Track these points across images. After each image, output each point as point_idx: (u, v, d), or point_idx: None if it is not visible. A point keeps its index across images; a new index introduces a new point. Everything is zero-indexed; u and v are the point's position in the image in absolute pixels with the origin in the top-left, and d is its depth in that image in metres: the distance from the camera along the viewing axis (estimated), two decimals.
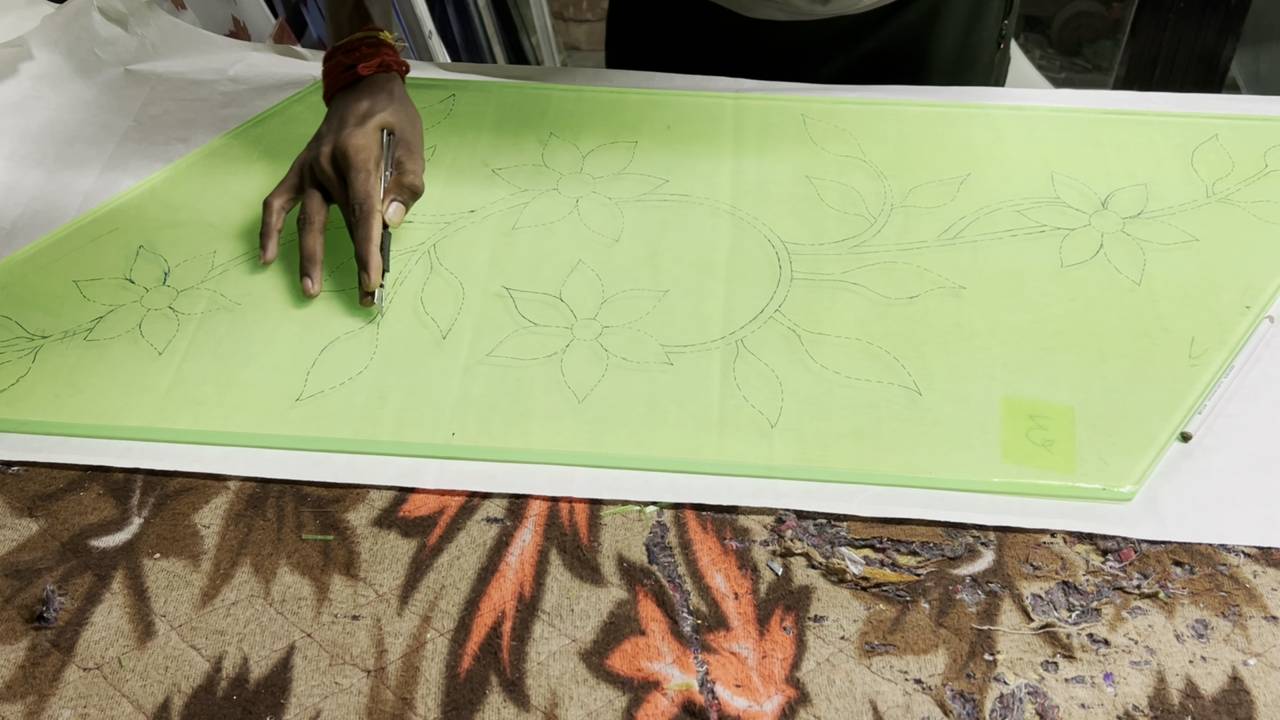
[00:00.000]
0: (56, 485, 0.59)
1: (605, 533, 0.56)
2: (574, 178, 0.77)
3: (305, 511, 0.58)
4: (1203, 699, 0.49)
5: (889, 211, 0.73)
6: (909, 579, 0.54)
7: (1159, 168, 0.75)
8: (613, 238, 0.72)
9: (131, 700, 0.50)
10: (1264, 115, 0.79)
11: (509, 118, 0.82)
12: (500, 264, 0.70)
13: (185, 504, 0.58)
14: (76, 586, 0.55)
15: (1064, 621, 0.52)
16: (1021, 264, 0.69)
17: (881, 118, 0.81)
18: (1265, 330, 0.64)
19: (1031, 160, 0.76)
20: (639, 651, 0.51)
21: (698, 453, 0.59)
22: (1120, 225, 0.71)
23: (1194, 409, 0.60)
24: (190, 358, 0.65)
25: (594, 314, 0.67)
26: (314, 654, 0.52)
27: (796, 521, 0.56)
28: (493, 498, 0.58)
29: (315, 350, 0.65)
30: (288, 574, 0.55)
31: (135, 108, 0.85)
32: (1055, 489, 0.57)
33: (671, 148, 0.79)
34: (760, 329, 0.65)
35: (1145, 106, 0.81)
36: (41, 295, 0.70)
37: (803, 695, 0.50)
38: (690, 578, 0.54)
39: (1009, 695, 0.49)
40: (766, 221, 0.73)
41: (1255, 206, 0.72)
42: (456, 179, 0.77)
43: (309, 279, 0.69)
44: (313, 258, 0.69)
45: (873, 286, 0.68)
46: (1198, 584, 0.53)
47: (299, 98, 0.86)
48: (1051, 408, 0.60)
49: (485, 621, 0.53)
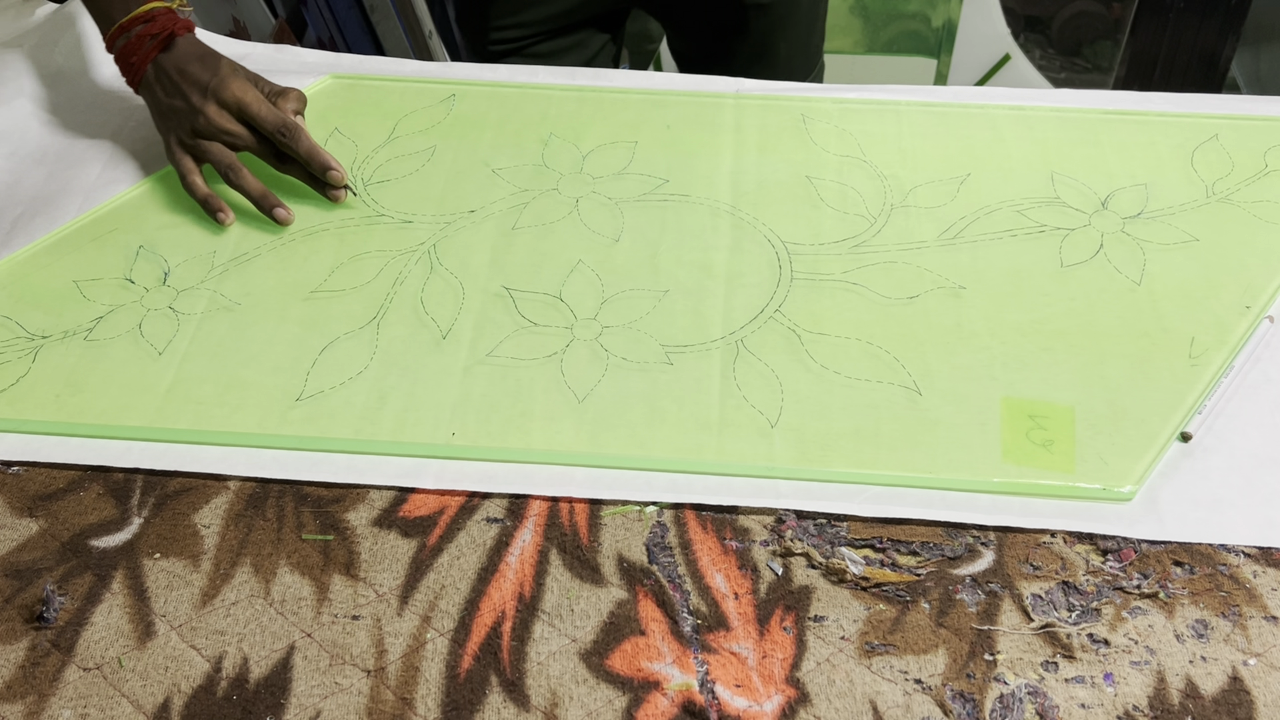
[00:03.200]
0: (56, 485, 0.59)
1: (605, 533, 0.56)
2: (574, 178, 0.77)
3: (305, 511, 0.58)
4: (1203, 699, 0.49)
5: (889, 211, 0.73)
6: (909, 579, 0.54)
7: (1159, 168, 0.75)
8: (613, 238, 0.72)
9: (131, 700, 0.50)
10: (1264, 115, 0.79)
11: (509, 118, 0.82)
12: (500, 264, 0.70)
13: (185, 504, 0.58)
14: (76, 586, 0.55)
15: (1064, 621, 0.52)
16: (1021, 264, 0.69)
17: (881, 118, 0.81)
18: (1265, 330, 0.64)
19: (1031, 160, 0.76)
20: (639, 651, 0.51)
21: (698, 453, 0.59)
22: (1120, 225, 0.71)
23: (1194, 409, 0.60)
24: (190, 358, 0.65)
25: (594, 314, 0.67)
26: (314, 654, 0.52)
27: (796, 521, 0.56)
28: (493, 498, 0.58)
29: (315, 350, 0.65)
30: (288, 574, 0.55)
31: (135, 108, 0.85)
32: (1055, 489, 0.57)
33: (671, 148, 0.79)
34: (760, 329, 0.65)
35: (1145, 106, 0.81)
36: (41, 295, 0.70)
37: (803, 695, 0.49)
38: (690, 578, 0.54)
39: (1009, 695, 0.49)
40: (766, 221, 0.73)
41: (1255, 206, 0.72)
42: (456, 179, 0.77)
43: (280, 208, 0.73)
44: (264, 192, 0.74)
45: (873, 286, 0.68)
46: (1198, 584, 0.53)
47: None
48: (1051, 408, 0.60)
49: (485, 621, 0.53)
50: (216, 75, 0.74)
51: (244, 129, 0.75)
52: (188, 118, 0.74)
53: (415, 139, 0.81)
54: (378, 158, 0.79)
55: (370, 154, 0.80)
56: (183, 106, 0.74)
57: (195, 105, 0.74)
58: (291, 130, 0.74)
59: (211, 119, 0.74)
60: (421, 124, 0.82)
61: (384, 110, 0.84)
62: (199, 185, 0.75)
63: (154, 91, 0.76)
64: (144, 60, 0.75)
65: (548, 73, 0.86)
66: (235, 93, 0.74)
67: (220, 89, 0.74)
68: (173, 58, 0.75)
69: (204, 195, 0.74)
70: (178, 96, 0.74)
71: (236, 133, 0.75)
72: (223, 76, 0.74)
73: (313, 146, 0.74)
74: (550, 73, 0.86)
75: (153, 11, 0.75)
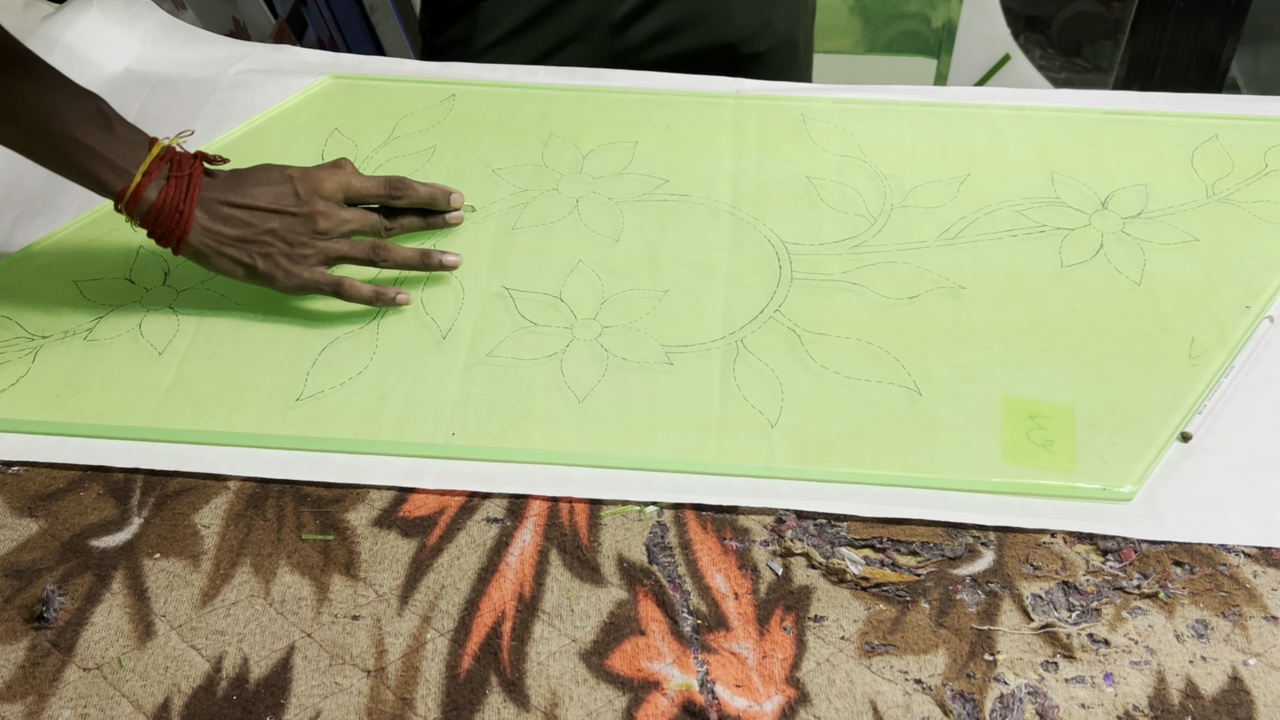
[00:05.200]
0: (56, 485, 0.59)
1: (605, 533, 0.56)
2: (574, 178, 0.77)
3: (305, 511, 0.58)
4: (1203, 699, 0.49)
5: (889, 211, 0.73)
6: (909, 579, 0.54)
7: (1159, 168, 0.75)
8: (613, 238, 0.72)
9: (131, 700, 0.50)
10: (1264, 115, 0.79)
11: (509, 118, 0.82)
12: (500, 264, 0.70)
13: (185, 504, 0.58)
14: (76, 586, 0.55)
15: (1064, 621, 0.52)
16: (1021, 264, 0.69)
17: (881, 118, 0.81)
18: (1265, 330, 0.64)
19: (1031, 160, 0.76)
20: (639, 651, 0.51)
21: (698, 453, 0.59)
22: (1120, 225, 0.71)
23: (1194, 409, 0.60)
24: (190, 358, 0.65)
25: (594, 314, 0.67)
26: (314, 654, 0.52)
27: (796, 521, 0.56)
28: (493, 498, 0.58)
29: (315, 350, 0.65)
30: (288, 574, 0.55)
31: (135, 108, 0.85)
32: (1055, 489, 0.57)
33: (671, 148, 0.79)
34: (760, 329, 0.65)
35: (1145, 106, 0.81)
36: (41, 295, 0.70)
37: (803, 695, 0.50)
38: (690, 578, 0.54)
39: (1009, 695, 0.49)
40: (766, 221, 0.73)
41: (1255, 206, 0.72)
42: (456, 179, 0.77)
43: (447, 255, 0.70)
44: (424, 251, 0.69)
45: (873, 286, 0.68)
46: (1198, 584, 0.53)
47: (299, 97, 0.85)
48: (1051, 408, 0.60)
49: (485, 621, 0.53)
50: (292, 177, 0.66)
51: (357, 211, 0.69)
52: (297, 230, 0.66)
53: (415, 139, 0.81)
54: (378, 158, 0.79)
55: (370, 154, 0.80)
56: (283, 224, 0.65)
57: (301, 212, 0.66)
58: (401, 184, 0.70)
59: (330, 214, 0.66)
60: (421, 124, 0.82)
61: (384, 110, 0.84)
62: (363, 287, 0.67)
63: (220, 233, 0.65)
64: (191, 204, 0.64)
65: (548, 73, 0.87)
66: (333, 180, 0.67)
67: (315, 185, 0.67)
68: (221, 188, 0.65)
69: (374, 294, 0.67)
70: (268, 218, 0.65)
71: (353, 218, 0.68)
72: (300, 175, 0.67)
73: (429, 187, 0.71)
74: (550, 73, 0.86)
75: (167, 151, 0.64)
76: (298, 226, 0.66)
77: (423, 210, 0.72)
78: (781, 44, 0.95)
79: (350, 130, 0.82)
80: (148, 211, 0.63)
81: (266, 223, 0.65)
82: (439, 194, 0.71)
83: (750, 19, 0.91)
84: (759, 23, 0.92)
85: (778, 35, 0.94)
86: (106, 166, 0.62)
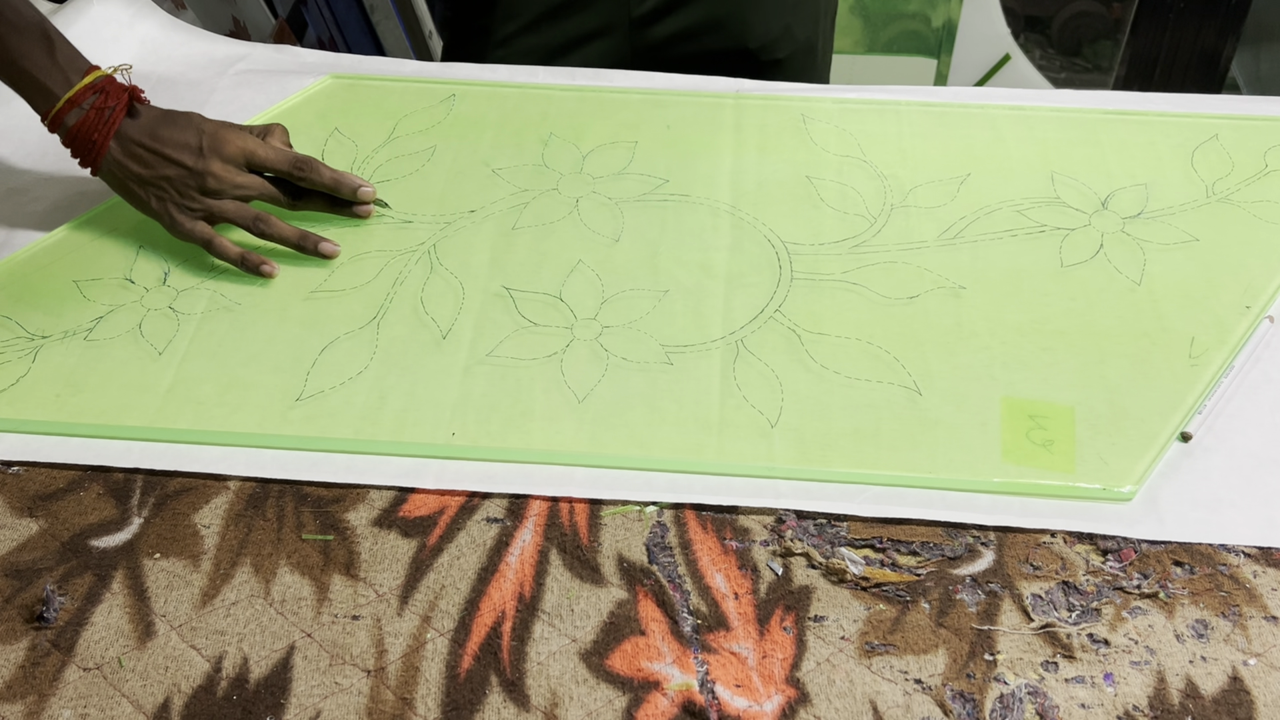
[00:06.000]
0: (56, 485, 0.59)
1: (605, 533, 0.56)
2: (574, 178, 0.77)
3: (305, 511, 0.58)
4: (1203, 699, 0.49)
5: (889, 211, 0.73)
6: (909, 579, 0.54)
7: (1159, 168, 0.75)
8: (613, 238, 0.72)
9: (131, 700, 0.50)
10: (1264, 115, 0.79)
11: (509, 118, 0.82)
12: (500, 264, 0.70)
13: (185, 504, 0.58)
14: (76, 586, 0.55)
15: (1064, 621, 0.52)
16: (1021, 264, 0.69)
17: (881, 118, 0.81)
18: (1265, 330, 0.64)
19: (1031, 160, 0.76)
20: (639, 651, 0.51)
21: (698, 453, 0.59)
22: (1120, 225, 0.71)
23: (1194, 409, 0.60)
24: (190, 358, 0.65)
25: (594, 314, 0.67)
26: (314, 654, 0.52)
27: (796, 521, 0.56)
28: (493, 498, 0.58)
29: (315, 350, 0.65)
30: (288, 574, 0.55)
31: None
32: (1055, 489, 0.57)
33: (671, 148, 0.79)
34: (760, 329, 0.65)
35: (1145, 106, 0.81)
36: (41, 295, 0.70)
37: (803, 695, 0.50)
38: (690, 578, 0.54)
39: (1009, 695, 0.49)
40: (766, 221, 0.73)
41: (1255, 206, 0.72)
42: (456, 179, 0.77)
43: (324, 243, 0.71)
44: (302, 233, 0.71)
45: (873, 286, 0.68)
46: (1198, 584, 0.53)
47: (299, 97, 0.86)
48: (1051, 408, 0.60)
49: (485, 621, 0.53)
50: (204, 132, 0.69)
51: (255, 178, 0.71)
52: (188, 183, 0.69)
53: (415, 139, 0.81)
54: (378, 158, 0.79)
55: (370, 154, 0.80)
56: (177, 173, 0.69)
57: (195, 167, 0.69)
58: (308, 163, 0.71)
59: (221, 176, 0.69)
60: (421, 124, 0.82)
61: (384, 110, 0.84)
62: (230, 247, 0.70)
63: (126, 167, 0.69)
64: (106, 135, 0.68)
65: (548, 73, 0.87)
66: (237, 144, 0.70)
67: (219, 144, 0.69)
68: (138, 126, 0.69)
69: (239, 255, 0.70)
70: (166, 165, 0.69)
71: (249, 184, 0.71)
72: (212, 131, 0.70)
73: (335, 173, 0.72)
74: (550, 73, 0.87)
75: (99, 81, 0.68)
76: (189, 180, 0.69)
77: (331, 197, 0.73)
78: (801, 50, 0.95)
79: (350, 130, 0.82)
80: (65, 135, 0.69)
81: (164, 169, 0.69)
82: (344, 183, 0.72)
83: (770, 27, 0.91)
84: (779, 30, 0.92)
85: (797, 42, 0.94)
86: (35, 88, 0.68)
